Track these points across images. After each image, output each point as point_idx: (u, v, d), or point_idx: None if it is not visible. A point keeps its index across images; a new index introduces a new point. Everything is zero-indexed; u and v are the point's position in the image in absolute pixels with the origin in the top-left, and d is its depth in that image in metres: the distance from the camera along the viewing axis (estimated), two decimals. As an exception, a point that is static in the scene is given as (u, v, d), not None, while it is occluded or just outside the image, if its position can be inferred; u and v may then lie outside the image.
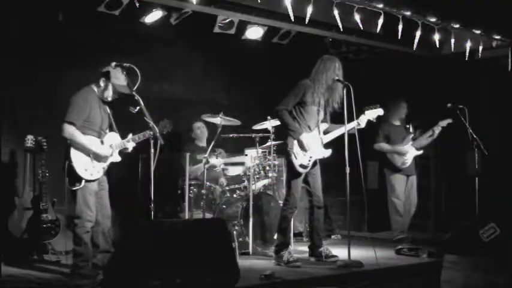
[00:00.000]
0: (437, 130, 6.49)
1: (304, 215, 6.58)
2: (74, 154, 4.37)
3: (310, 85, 5.05)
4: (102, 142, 4.53)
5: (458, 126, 6.34)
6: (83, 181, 4.36)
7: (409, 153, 6.45)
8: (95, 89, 4.59)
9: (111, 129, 4.67)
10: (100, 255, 4.54)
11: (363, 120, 5.13)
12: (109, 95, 4.58)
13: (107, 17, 5.91)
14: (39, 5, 5.82)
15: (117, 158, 4.61)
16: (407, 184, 6.50)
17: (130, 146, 4.65)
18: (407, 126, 6.73)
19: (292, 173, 5.04)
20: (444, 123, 6.46)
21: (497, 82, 7.15)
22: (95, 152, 4.43)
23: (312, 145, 5.01)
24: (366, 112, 5.19)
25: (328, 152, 5.11)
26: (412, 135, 6.56)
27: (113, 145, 4.57)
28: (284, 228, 5.09)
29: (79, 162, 4.37)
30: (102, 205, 4.60)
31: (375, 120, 5.26)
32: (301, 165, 5.00)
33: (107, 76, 4.52)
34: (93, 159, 4.43)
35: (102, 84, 4.56)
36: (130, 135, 4.64)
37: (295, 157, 5.00)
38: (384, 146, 6.47)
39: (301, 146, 4.99)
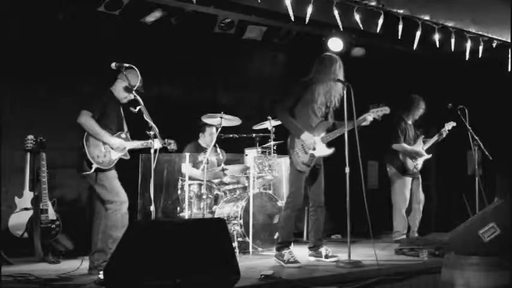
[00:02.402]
0: (444, 133, 6.48)
1: (304, 215, 6.58)
2: (87, 139, 4.51)
3: (310, 83, 5.03)
4: (115, 135, 4.67)
5: (459, 126, 6.36)
6: (93, 167, 4.48)
7: (421, 156, 6.44)
8: (113, 90, 4.74)
9: (121, 128, 4.79)
10: (98, 254, 4.56)
11: (368, 119, 5.06)
12: (123, 96, 4.73)
13: (107, 17, 5.91)
14: (39, 5, 5.83)
15: (126, 155, 4.74)
16: (412, 185, 6.49)
17: (136, 146, 4.81)
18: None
19: (295, 172, 5.03)
20: (449, 126, 6.43)
21: (497, 82, 7.16)
22: (107, 141, 4.56)
23: (314, 144, 4.99)
24: (371, 111, 5.09)
25: (330, 150, 5.06)
26: (423, 136, 6.53)
27: (124, 142, 4.70)
28: (287, 227, 5.07)
29: (91, 148, 4.51)
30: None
31: (380, 119, 5.16)
32: (304, 164, 4.99)
33: (117, 77, 4.70)
34: (105, 148, 4.56)
35: (118, 85, 4.72)
36: (138, 141, 4.78)
37: (298, 156, 4.99)
38: (405, 146, 6.40)
39: (303, 145, 4.98)
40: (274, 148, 6.15)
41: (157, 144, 4.58)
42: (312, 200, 5.18)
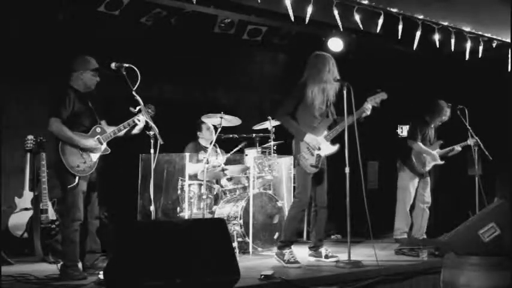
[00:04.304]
0: (460, 147, 6.47)
1: (305, 215, 6.57)
2: (62, 149, 4.35)
3: (306, 84, 5.01)
4: (89, 136, 4.50)
5: (458, 126, 6.35)
6: (77, 178, 4.35)
7: (434, 160, 6.44)
8: (72, 84, 4.58)
9: (95, 121, 4.60)
10: (88, 255, 4.54)
11: (368, 108, 5.02)
12: (90, 83, 4.58)
13: (107, 17, 5.91)
14: (39, 5, 5.83)
15: (106, 150, 4.57)
16: (419, 185, 6.48)
17: (113, 135, 4.59)
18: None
19: (303, 173, 5.01)
20: (472, 142, 6.39)
21: (497, 82, 7.16)
22: (83, 146, 4.40)
23: (318, 144, 4.98)
24: (369, 99, 5.05)
25: (335, 148, 5.04)
26: (442, 142, 6.53)
27: (100, 138, 4.53)
28: (291, 226, 5.05)
29: (69, 158, 4.36)
30: (91, 204, 4.59)
31: (378, 105, 5.09)
32: (313, 166, 4.97)
33: (76, 68, 4.58)
34: (82, 155, 4.41)
35: (80, 76, 4.57)
36: (114, 127, 4.59)
37: (305, 159, 4.97)
38: (420, 145, 6.38)
39: (308, 147, 4.97)
40: (274, 148, 6.15)
41: (142, 118, 4.46)
42: (315, 201, 5.17)
